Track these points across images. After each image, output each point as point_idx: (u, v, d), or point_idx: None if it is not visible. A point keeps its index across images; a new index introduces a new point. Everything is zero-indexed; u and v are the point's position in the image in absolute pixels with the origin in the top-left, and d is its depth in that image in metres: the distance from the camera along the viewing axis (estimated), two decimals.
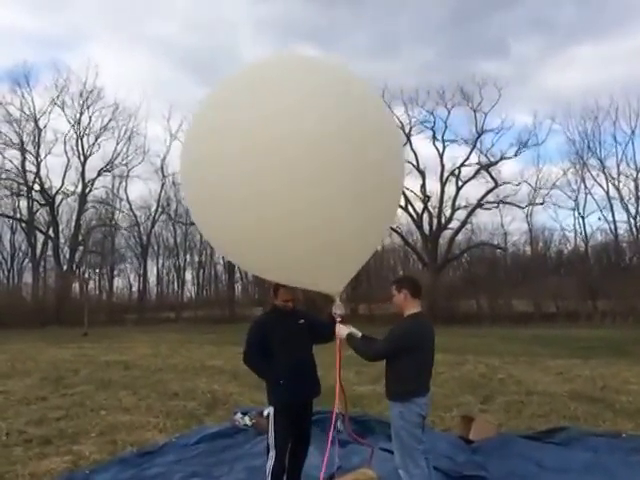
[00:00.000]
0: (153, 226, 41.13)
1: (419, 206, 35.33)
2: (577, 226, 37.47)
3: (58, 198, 38.56)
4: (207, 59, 56.62)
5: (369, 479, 4.32)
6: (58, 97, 38.16)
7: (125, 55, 58.66)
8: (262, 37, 57.31)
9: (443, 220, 35.36)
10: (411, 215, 35.36)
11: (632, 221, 23.20)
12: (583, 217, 35.35)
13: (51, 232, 38.73)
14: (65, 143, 38.81)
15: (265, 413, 5.85)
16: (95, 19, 55.37)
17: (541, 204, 34.94)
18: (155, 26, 56.67)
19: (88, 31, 57.36)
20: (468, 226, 35.99)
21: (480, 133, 34.92)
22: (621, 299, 28.78)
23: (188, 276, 43.19)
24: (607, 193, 28.64)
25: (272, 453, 4.05)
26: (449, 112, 35.38)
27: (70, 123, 38.73)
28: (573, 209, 35.43)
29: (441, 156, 35.77)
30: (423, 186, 35.39)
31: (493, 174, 34.55)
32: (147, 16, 58.70)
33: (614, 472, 4.87)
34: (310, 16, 55.06)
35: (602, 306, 30.32)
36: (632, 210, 23.24)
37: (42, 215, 39.54)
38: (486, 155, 34.90)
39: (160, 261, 43.15)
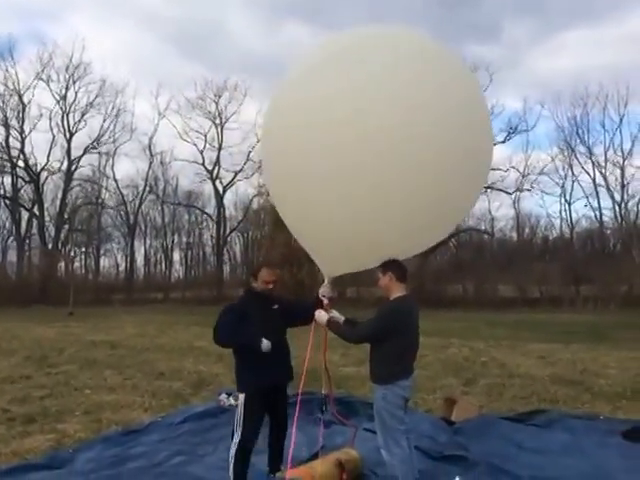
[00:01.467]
0: (140, 205, 40.73)
1: None
2: (563, 212, 37.75)
3: (43, 175, 37.97)
4: (195, 34, 55.69)
5: (352, 458, 4.37)
6: (43, 71, 37.38)
7: (112, 30, 57.45)
8: (250, 11, 56.48)
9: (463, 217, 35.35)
10: None
11: (617, 208, 23.45)
12: (569, 203, 35.63)
13: (36, 210, 38.16)
14: (50, 119, 38.12)
15: (224, 398, 5.88)
16: None
17: (529, 190, 35.09)
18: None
19: (73, 2, 56.12)
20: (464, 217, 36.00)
21: None
22: (604, 285, 29.18)
23: (176, 257, 43.09)
24: (594, 180, 28.89)
25: (236, 439, 3.99)
26: None
27: (55, 99, 38.01)
28: (560, 195, 35.71)
29: None
30: None
31: None
32: None
33: (591, 453, 4.97)
34: None
35: (585, 292, 30.72)
36: (617, 197, 23.48)
37: (27, 192, 38.97)
38: None
39: (147, 241, 42.95)
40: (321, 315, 4.07)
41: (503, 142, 34.83)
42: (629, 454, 4.93)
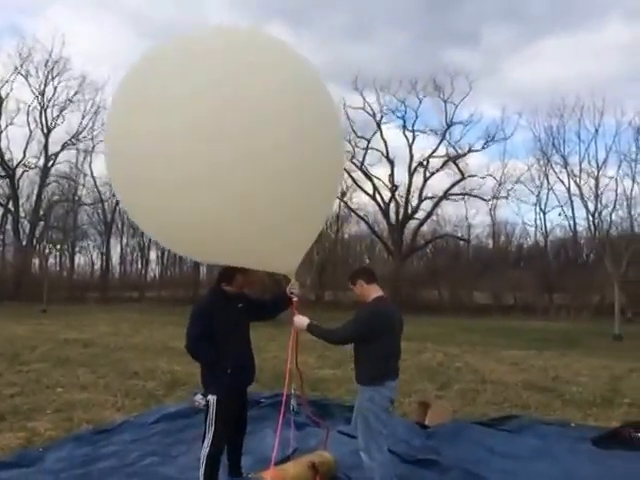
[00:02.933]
0: (117, 203, 40.15)
1: (387, 195, 35.53)
2: (538, 221, 38.41)
3: (19, 171, 37.17)
4: (175, 30, 55.31)
5: (325, 461, 4.36)
6: (22, 66, 36.70)
7: (93, 26, 56.54)
8: (233, 11, 56.28)
9: (410, 210, 35.65)
10: (378, 204, 35.54)
11: (591, 218, 23.87)
12: (544, 212, 36.21)
13: (11, 206, 37.43)
14: (28, 114, 37.26)
15: (199, 399, 5.84)
16: None
17: (505, 198, 35.56)
18: None
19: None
20: (433, 217, 36.40)
21: (450, 125, 35.21)
22: (576, 294, 29.77)
23: (152, 256, 42.56)
24: (568, 190, 29.34)
25: (208, 441, 3.97)
26: (420, 102, 35.54)
27: (34, 93, 37.29)
28: (535, 204, 36.19)
29: (410, 146, 35.96)
30: (392, 175, 35.51)
31: (460, 166, 34.97)
32: None
33: (561, 459, 5.06)
34: None
35: (558, 300, 31.28)
36: (591, 207, 23.93)
37: (2, 188, 38.12)
38: (454, 147, 35.24)
39: (124, 239, 42.38)
40: (301, 319, 4.06)
41: (482, 149, 35.33)
42: (599, 460, 5.03)
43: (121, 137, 3.61)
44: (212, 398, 4.03)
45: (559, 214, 35.32)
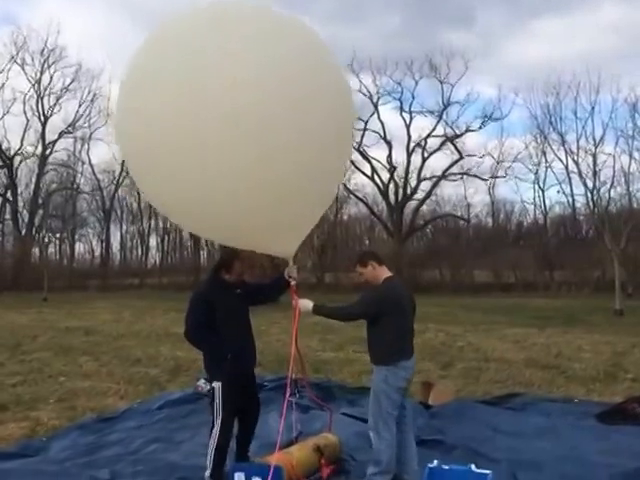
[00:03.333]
0: (116, 190, 40.11)
1: (385, 176, 35.38)
2: (537, 199, 38.20)
3: (17, 160, 37.06)
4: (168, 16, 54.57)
5: (330, 443, 4.36)
6: (18, 54, 36.37)
7: (88, 13, 56.07)
8: None
9: (409, 191, 35.56)
10: (377, 185, 35.41)
11: (589, 195, 23.83)
12: (543, 190, 36.05)
13: (9, 195, 37.35)
14: (25, 103, 37.05)
15: (203, 384, 5.85)
16: None
17: (503, 177, 35.48)
18: None
19: None
20: (433, 197, 36.34)
21: (446, 105, 34.95)
22: (577, 270, 29.79)
23: (153, 242, 42.54)
24: (566, 167, 29.18)
25: (217, 428, 3.96)
26: (417, 83, 35.20)
27: (30, 82, 37.02)
28: (534, 182, 36.01)
29: (408, 127, 35.71)
30: (389, 156, 35.33)
31: (458, 146, 34.81)
32: None
33: (565, 435, 5.05)
34: None
35: (559, 277, 31.35)
36: (589, 184, 23.88)
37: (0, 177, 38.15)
38: (451, 127, 35.04)
39: (124, 226, 42.34)
40: (305, 302, 4.01)
41: (479, 129, 35.17)
42: (603, 436, 5.02)
43: (132, 113, 3.56)
44: (217, 385, 4.01)
45: (557, 191, 35.28)
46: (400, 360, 3.89)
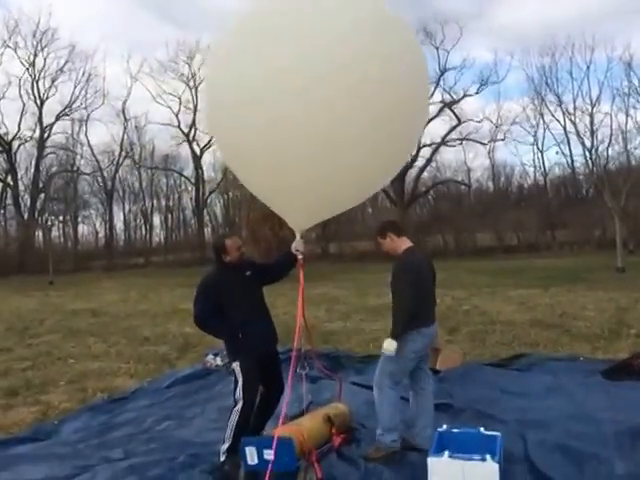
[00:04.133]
0: (117, 171, 39.97)
1: None
2: (536, 161, 38.09)
3: (15, 144, 36.91)
4: None
5: (340, 413, 4.39)
6: (10, 39, 35.86)
7: None
8: None
9: (409, 158, 35.36)
10: None
11: (588, 154, 23.72)
12: (542, 152, 35.96)
13: (9, 180, 37.27)
14: (20, 87, 36.76)
15: (211, 359, 5.89)
16: None
17: (502, 140, 35.31)
18: None
19: None
20: (433, 164, 36.28)
21: (443, 71, 34.62)
22: (578, 229, 29.78)
23: (156, 221, 42.52)
24: (564, 128, 29.09)
25: (238, 406, 3.95)
26: None
27: (24, 66, 36.60)
28: (532, 144, 35.90)
29: None
30: None
31: (456, 112, 34.55)
32: None
33: (572, 393, 5.09)
34: None
35: (561, 237, 31.39)
36: (588, 144, 23.74)
37: None
38: (449, 93, 34.75)
39: (126, 206, 42.26)
40: (387, 346, 3.86)
41: (476, 94, 34.90)
42: (610, 392, 5.05)
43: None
44: (236, 365, 4.02)
45: (556, 152, 35.06)
46: (421, 327, 3.93)
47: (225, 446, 3.90)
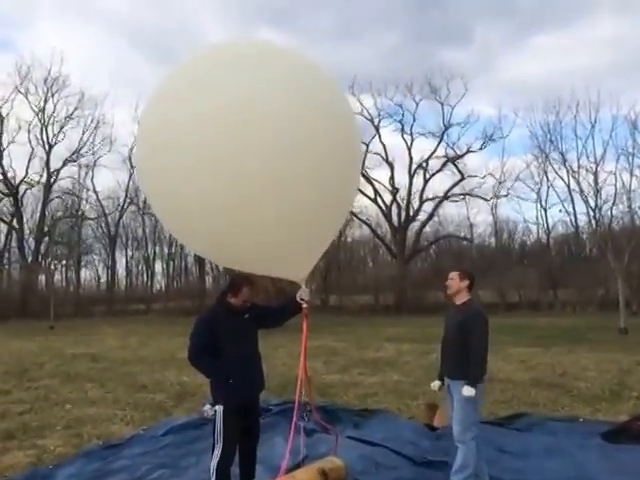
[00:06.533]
0: (121, 217, 40.44)
1: (388, 198, 35.62)
2: (539, 218, 38.36)
3: (22, 188, 37.45)
4: (171, 44, 55.81)
5: (336, 467, 4.37)
6: (22, 84, 37.01)
7: (90, 41, 57.09)
8: (221, 17, 56.85)
9: (411, 212, 35.73)
10: (380, 207, 35.61)
11: (591, 213, 23.91)
12: (545, 209, 36.16)
13: (15, 223, 37.68)
14: (29, 131, 37.53)
15: (208, 409, 5.88)
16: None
17: (505, 196, 35.63)
18: (117, 7, 55.33)
19: (48, 13, 55.65)
20: (435, 218, 36.54)
21: (447, 126, 35.34)
22: (581, 289, 29.62)
23: (158, 268, 42.68)
24: (568, 186, 29.48)
25: (218, 452, 3.97)
26: (417, 105, 35.66)
27: (34, 111, 37.57)
28: (536, 201, 36.17)
29: (409, 148, 36.06)
30: (392, 178, 35.63)
31: (459, 167, 35.11)
32: None
33: (572, 454, 5.05)
34: None
35: (563, 296, 31.20)
36: (592, 203, 23.98)
37: (5, 205, 38.38)
38: (452, 148, 35.38)
39: (129, 252, 42.53)
40: (466, 392, 4.11)
41: (480, 149, 35.44)
42: (609, 455, 5.02)
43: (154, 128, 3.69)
44: (219, 408, 4.04)
45: (560, 210, 35.46)
46: (484, 374, 4.19)
47: None
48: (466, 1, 50.25)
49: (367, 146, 34.71)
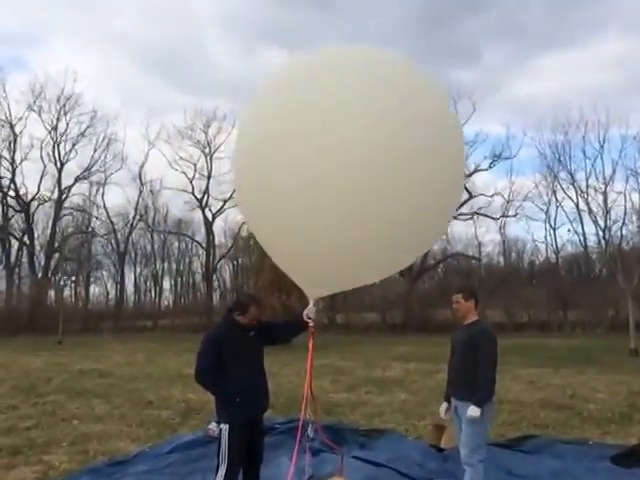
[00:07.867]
0: (130, 233, 40.81)
1: None
2: (548, 237, 38.25)
3: (34, 205, 38.06)
4: (184, 64, 56.68)
5: None
6: (35, 102, 37.68)
7: (103, 60, 58.21)
8: (229, 37, 57.78)
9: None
10: None
11: (601, 233, 23.82)
12: (554, 229, 36.17)
13: (26, 239, 38.12)
14: (41, 149, 38.26)
15: (214, 427, 5.87)
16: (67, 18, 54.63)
17: (514, 216, 35.60)
18: (129, 28, 56.38)
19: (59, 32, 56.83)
20: (443, 236, 36.43)
21: None
22: (591, 309, 29.32)
23: (166, 284, 42.89)
24: (577, 206, 29.39)
25: (222, 471, 3.97)
26: None
27: (47, 129, 38.24)
28: (544, 221, 36.26)
29: None
30: None
31: (467, 186, 35.11)
32: (118, 15, 58.57)
33: (580, 478, 4.99)
34: (278, 16, 55.26)
35: (572, 316, 30.90)
36: (601, 223, 23.88)
37: (17, 222, 38.94)
38: None
39: (137, 269, 42.82)
40: (472, 413, 4.11)
41: (488, 169, 35.50)
42: (618, 479, 4.94)
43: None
44: (224, 427, 4.04)
45: (568, 230, 35.36)
46: (492, 395, 4.14)
47: None
48: (474, 21, 50.77)
49: None
